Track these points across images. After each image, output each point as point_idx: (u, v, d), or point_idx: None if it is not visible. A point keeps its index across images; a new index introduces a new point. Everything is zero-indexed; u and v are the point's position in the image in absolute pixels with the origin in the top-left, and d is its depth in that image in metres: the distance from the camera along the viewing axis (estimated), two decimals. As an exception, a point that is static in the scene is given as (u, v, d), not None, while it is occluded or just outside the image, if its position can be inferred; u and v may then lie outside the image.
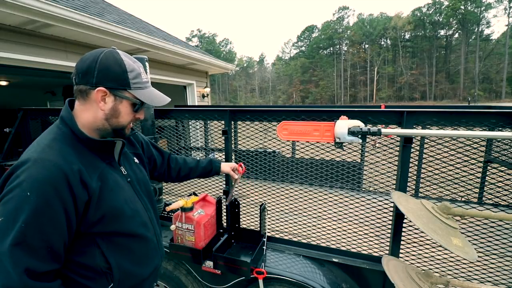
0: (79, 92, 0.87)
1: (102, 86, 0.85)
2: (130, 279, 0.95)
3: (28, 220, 0.72)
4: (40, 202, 0.73)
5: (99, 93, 0.85)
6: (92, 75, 0.84)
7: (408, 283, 1.12)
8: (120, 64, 0.87)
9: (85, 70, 0.84)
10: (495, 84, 49.10)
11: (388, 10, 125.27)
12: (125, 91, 0.89)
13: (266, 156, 2.99)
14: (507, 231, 1.42)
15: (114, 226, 0.90)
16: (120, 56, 0.88)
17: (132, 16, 6.51)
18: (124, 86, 0.88)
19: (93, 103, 0.87)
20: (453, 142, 1.42)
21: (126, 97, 0.90)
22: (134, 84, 0.90)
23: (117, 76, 0.86)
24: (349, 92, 61.54)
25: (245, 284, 1.66)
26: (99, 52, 0.86)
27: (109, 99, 0.87)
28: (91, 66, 0.84)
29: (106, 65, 0.85)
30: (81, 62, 0.86)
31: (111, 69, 0.85)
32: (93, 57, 0.85)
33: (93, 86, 0.85)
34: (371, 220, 1.72)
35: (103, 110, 0.88)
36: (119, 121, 0.91)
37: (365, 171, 2.87)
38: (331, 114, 1.52)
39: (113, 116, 0.90)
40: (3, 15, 2.84)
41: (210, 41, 75.58)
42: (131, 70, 0.89)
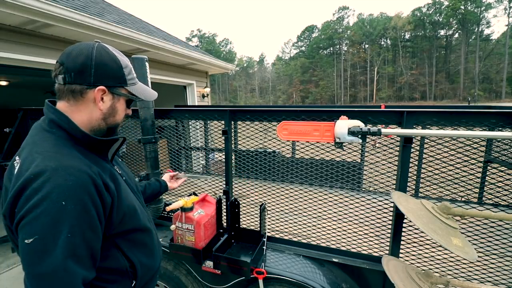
0: (70, 92, 0.79)
1: (102, 85, 0.81)
2: (148, 273, 0.96)
3: (72, 230, 0.67)
4: (79, 209, 0.69)
5: (99, 92, 0.81)
6: (89, 73, 0.78)
7: (408, 283, 1.12)
8: (115, 60, 0.83)
9: (78, 69, 0.78)
10: (495, 84, 49.10)
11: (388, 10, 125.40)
12: (122, 88, 0.87)
13: (266, 156, 2.99)
14: (507, 231, 1.42)
15: (131, 223, 0.90)
16: (111, 51, 0.84)
17: (132, 16, 6.51)
18: (121, 83, 0.85)
19: (88, 103, 0.81)
20: (453, 142, 1.42)
21: (123, 94, 0.87)
22: (129, 80, 0.88)
23: (115, 73, 0.83)
24: (349, 92, 61.54)
25: (245, 284, 1.66)
26: (90, 48, 0.80)
27: (107, 97, 0.84)
28: (86, 63, 0.78)
29: (103, 63, 0.80)
30: (71, 60, 0.78)
31: (109, 66, 0.81)
32: (85, 54, 0.78)
33: (90, 85, 0.79)
34: (371, 220, 1.72)
35: (101, 109, 0.83)
36: (115, 119, 0.89)
37: (365, 171, 2.87)
38: (331, 114, 1.52)
39: (111, 115, 0.86)
40: (3, 15, 2.83)
41: (210, 41, 75.57)
42: (125, 66, 0.87)
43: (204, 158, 4.04)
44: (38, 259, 0.65)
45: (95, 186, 0.74)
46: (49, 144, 0.76)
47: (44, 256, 0.65)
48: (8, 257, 3.26)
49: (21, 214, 0.66)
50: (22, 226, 0.66)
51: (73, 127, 0.79)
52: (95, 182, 0.74)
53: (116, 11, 5.82)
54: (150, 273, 0.99)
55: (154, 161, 1.93)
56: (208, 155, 3.88)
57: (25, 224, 0.66)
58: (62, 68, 0.78)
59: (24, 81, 6.33)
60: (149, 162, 1.92)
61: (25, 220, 0.66)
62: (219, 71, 7.92)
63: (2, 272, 2.98)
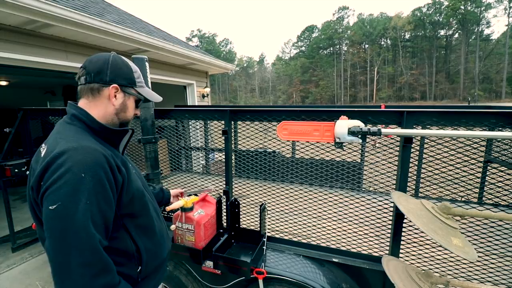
0: (89, 90, 0.94)
1: (115, 83, 0.96)
2: (154, 260, 1.04)
3: (90, 198, 0.77)
4: (96, 182, 0.79)
5: (113, 90, 0.95)
6: (105, 74, 0.94)
7: (408, 283, 1.12)
8: (127, 65, 1.00)
9: (97, 70, 0.94)
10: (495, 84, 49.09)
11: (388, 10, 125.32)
12: (132, 88, 1.01)
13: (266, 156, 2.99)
14: (507, 231, 1.42)
15: (139, 206, 0.99)
16: (125, 59, 1.01)
17: (132, 16, 6.51)
18: (131, 84, 1.01)
19: (104, 99, 0.96)
20: (453, 142, 1.42)
21: (132, 93, 1.02)
22: (138, 83, 1.03)
23: (126, 75, 0.99)
24: (349, 92, 61.52)
25: (245, 284, 1.66)
26: (108, 55, 0.97)
27: (120, 95, 0.98)
28: (103, 66, 0.94)
29: (117, 66, 0.97)
30: (91, 64, 0.95)
31: (122, 69, 0.98)
32: (103, 59, 0.96)
33: (106, 83, 0.94)
34: (371, 220, 1.72)
35: (114, 105, 0.97)
36: (126, 115, 1.02)
37: (365, 171, 2.87)
38: (331, 114, 1.52)
39: (122, 110, 1.00)
40: (3, 15, 2.83)
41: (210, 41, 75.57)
42: (135, 71, 1.03)
43: (204, 158, 4.04)
44: (60, 222, 0.74)
45: (109, 165, 0.84)
46: (71, 132, 0.89)
47: (67, 219, 0.74)
48: (8, 257, 3.26)
49: (46, 185, 0.77)
50: (47, 196, 0.76)
51: (91, 119, 0.93)
52: (108, 162, 0.85)
53: (116, 11, 5.82)
54: (157, 261, 1.05)
55: (154, 161, 1.94)
56: (208, 155, 3.89)
57: (49, 193, 0.76)
58: (85, 71, 0.95)
59: (24, 81, 6.33)
60: (149, 162, 1.92)
61: (49, 190, 0.76)
62: (219, 71, 7.92)
63: (2, 272, 2.98)
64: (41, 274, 2.94)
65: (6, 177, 2.95)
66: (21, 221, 3.97)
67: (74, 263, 0.73)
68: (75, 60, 3.93)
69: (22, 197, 5.15)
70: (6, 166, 2.92)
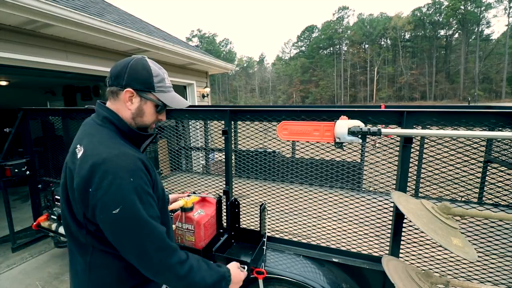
0: (110, 92, 0.99)
1: (130, 88, 0.96)
2: None
3: (141, 198, 0.86)
4: (143, 184, 0.88)
5: (127, 94, 0.96)
6: (122, 78, 0.96)
7: (408, 283, 1.12)
8: (147, 69, 0.98)
9: (116, 74, 0.97)
10: (495, 84, 49.08)
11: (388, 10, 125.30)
12: (150, 93, 1.00)
13: (266, 156, 2.99)
14: (507, 231, 1.42)
15: (161, 204, 1.03)
16: (147, 63, 1.00)
17: (132, 16, 6.51)
18: (149, 88, 0.99)
19: (122, 102, 0.98)
20: (453, 142, 1.42)
21: (150, 98, 1.00)
22: (158, 88, 1.01)
23: (144, 79, 0.98)
24: (349, 92, 61.52)
25: (245, 284, 1.65)
26: (131, 59, 0.99)
27: (135, 99, 0.98)
28: (122, 70, 0.96)
29: (134, 70, 0.97)
30: (114, 67, 0.99)
31: (139, 73, 0.97)
32: (124, 63, 0.98)
33: (122, 87, 0.96)
34: (371, 220, 1.72)
35: (130, 109, 0.99)
36: (143, 120, 1.02)
37: (365, 171, 2.87)
38: (331, 114, 1.52)
39: (138, 115, 1.01)
40: (3, 15, 2.83)
41: (210, 41, 75.56)
42: (156, 75, 1.00)
43: (204, 158, 4.04)
44: (128, 221, 0.83)
45: (146, 168, 0.92)
46: (104, 136, 0.93)
47: (133, 218, 0.84)
48: (8, 257, 3.26)
49: (98, 192, 0.82)
50: (103, 202, 0.82)
51: (122, 122, 0.98)
52: (145, 165, 0.92)
53: (116, 11, 5.82)
54: None
55: (154, 161, 1.94)
56: (208, 155, 3.88)
57: (107, 199, 0.82)
58: (109, 74, 0.99)
59: (24, 81, 6.33)
60: (149, 162, 1.91)
61: (105, 196, 0.82)
62: (219, 71, 7.92)
63: (2, 272, 2.98)
64: (41, 274, 2.94)
65: (6, 177, 2.94)
66: (21, 221, 3.97)
67: (150, 251, 0.86)
68: (75, 60, 3.93)
69: (22, 197, 5.15)
70: (6, 166, 2.92)
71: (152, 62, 1.02)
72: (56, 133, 3.36)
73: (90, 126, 0.98)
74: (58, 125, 3.05)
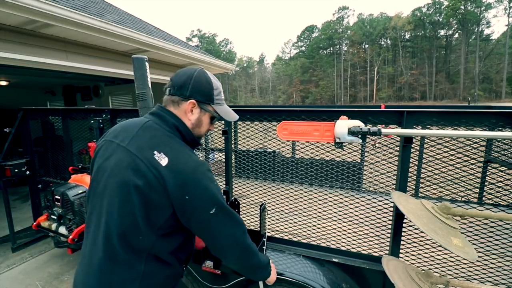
0: (171, 101, 1.03)
1: (193, 99, 1.01)
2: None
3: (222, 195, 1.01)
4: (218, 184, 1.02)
5: (190, 105, 1.01)
6: (187, 89, 1.00)
7: (408, 283, 1.12)
8: (209, 82, 1.04)
9: (180, 84, 1.01)
10: (495, 84, 49.09)
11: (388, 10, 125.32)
12: (209, 105, 1.06)
13: (266, 156, 2.99)
14: (507, 231, 1.42)
15: None
16: (208, 76, 1.06)
17: (132, 16, 6.51)
18: (209, 101, 1.05)
19: (182, 112, 1.03)
20: (453, 142, 1.42)
21: (209, 110, 1.06)
22: (216, 100, 1.07)
23: (206, 92, 1.03)
24: (349, 92, 61.53)
25: (245, 284, 1.66)
26: (194, 70, 1.03)
27: (196, 110, 1.04)
28: (186, 81, 1.01)
29: (198, 82, 1.02)
30: (178, 77, 1.03)
31: (202, 86, 1.03)
32: (188, 74, 1.02)
33: (185, 98, 1.01)
34: (371, 220, 1.72)
35: (190, 119, 1.04)
36: (200, 130, 1.09)
37: (365, 171, 2.87)
38: (331, 114, 1.52)
39: (197, 125, 1.06)
40: (3, 15, 2.83)
41: (210, 41, 75.55)
42: (216, 88, 1.06)
43: (204, 158, 4.04)
44: (224, 215, 0.99)
45: None
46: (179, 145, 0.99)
47: (226, 212, 0.99)
48: (8, 257, 3.26)
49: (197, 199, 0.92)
50: (202, 206, 0.94)
51: (188, 131, 1.04)
52: None
53: (116, 11, 5.82)
54: None
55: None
56: (208, 155, 3.88)
57: (204, 204, 0.94)
58: (171, 83, 1.04)
59: (24, 81, 6.33)
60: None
61: (203, 201, 0.93)
62: (219, 71, 7.92)
63: (2, 272, 2.98)
64: (41, 274, 2.94)
65: (6, 177, 2.94)
66: (21, 221, 3.97)
67: (238, 234, 1.04)
68: (75, 60, 3.93)
69: (22, 197, 5.15)
70: (6, 166, 2.92)
71: (211, 74, 1.08)
72: (56, 133, 3.36)
73: (162, 133, 0.98)
74: (58, 125, 3.05)
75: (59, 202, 2.10)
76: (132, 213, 0.89)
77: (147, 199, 0.89)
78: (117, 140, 0.97)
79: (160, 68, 5.65)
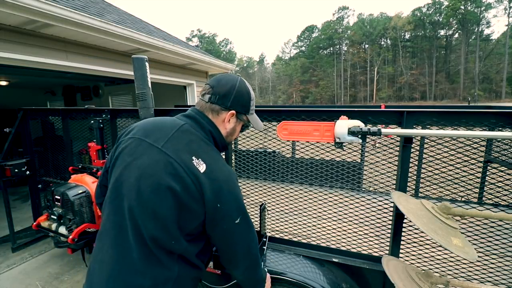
0: (210, 109, 1.02)
1: (234, 110, 1.02)
2: None
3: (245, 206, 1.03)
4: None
5: (230, 115, 1.02)
6: (229, 99, 1.01)
7: (408, 283, 1.12)
8: (248, 93, 1.06)
9: (223, 94, 1.01)
10: (495, 84, 49.09)
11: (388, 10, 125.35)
12: (244, 115, 1.08)
13: (266, 156, 2.99)
14: (507, 231, 1.42)
15: None
16: (247, 86, 1.07)
17: (132, 16, 6.51)
18: (246, 111, 1.07)
19: (220, 121, 1.03)
20: (453, 142, 1.42)
21: (243, 119, 1.09)
22: (251, 110, 1.10)
23: (245, 103, 1.06)
24: (349, 92, 61.53)
25: (245, 284, 1.65)
26: (236, 80, 1.04)
27: (233, 120, 1.05)
28: (229, 92, 1.01)
29: (240, 93, 1.03)
30: (220, 86, 1.01)
31: (243, 97, 1.04)
32: (231, 84, 1.02)
33: (226, 108, 1.01)
34: (371, 220, 1.72)
35: (226, 128, 1.05)
36: (232, 138, 1.11)
37: (365, 171, 2.87)
38: (331, 114, 1.52)
39: (231, 134, 1.08)
40: (3, 15, 2.83)
41: (210, 41, 75.56)
42: (253, 99, 1.09)
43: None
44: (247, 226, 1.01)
45: None
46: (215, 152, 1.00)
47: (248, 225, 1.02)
48: (8, 257, 3.26)
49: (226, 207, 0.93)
50: (229, 215, 0.94)
51: (222, 139, 1.05)
52: None
53: (116, 11, 5.82)
54: None
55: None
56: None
57: (231, 213, 0.95)
58: (212, 90, 1.01)
59: (24, 81, 6.33)
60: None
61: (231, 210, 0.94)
62: (219, 71, 7.91)
63: (2, 272, 2.98)
64: (41, 274, 2.94)
65: (6, 177, 2.94)
66: (21, 221, 3.97)
67: (253, 245, 1.07)
68: (75, 60, 3.93)
69: (22, 197, 5.15)
70: (6, 166, 2.92)
71: (248, 83, 1.09)
72: (56, 133, 3.36)
73: (199, 139, 0.97)
74: (58, 125, 3.05)
75: (59, 202, 2.09)
76: (165, 217, 0.86)
77: (183, 204, 0.87)
78: (149, 139, 0.92)
79: (160, 68, 5.65)
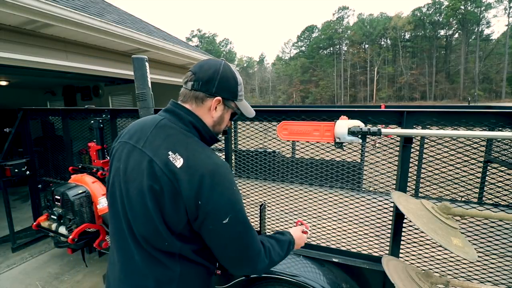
0: (194, 97, 0.93)
1: (219, 96, 0.93)
2: None
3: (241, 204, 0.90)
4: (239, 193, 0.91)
5: (216, 102, 0.93)
6: (213, 85, 0.92)
7: (408, 283, 1.12)
8: (234, 77, 0.97)
9: (206, 79, 0.92)
10: (495, 84, 49.09)
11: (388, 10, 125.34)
12: (232, 102, 0.99)
13: (266, 156, 2.99)
14: (507, 231, 1.42)
15: None
16: (233, 70, 0.98)
17: (132, 16, 6.51)
18: (234, 97, 0.98)
19: (205, 109, 0.94)
20: (453, 142, 1.42)
21: (231, 106, 0.99)
22: (239, 96, 0.99)
23: (232, 89, 0.96)
24: (349, 92, 61.53)
25: (245, 284, 1.66)
26: (219, 64, 0.95)
27: (220, 107, 0.96)
28: (212, 77, 0.92)
29: (225, 78, 0.93)
30: (202, 71, 0.93)
31: (229, 82, 0.95)
32: (214, 68, 0.93)
33: (211, 95, 0.92)
34: (371, 220, 1.72)
35: (213, 117, 0.96)
36: (220, 128, 1.01)
37: (365, 171, 2.87)
38: (331, 114, 1.52)
39: (218, 123, 0.99)
40: (3, 15, 2.83)
41: (210, 41, 75.57)
42: (240, 83, 0.99)
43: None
44: (240, 225, 0.87)
45: None
46: (196, 144, 0.89)
47: (241, 225, 0.87)
48: (8, 257, 3.26)
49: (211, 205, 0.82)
50: (215, 214, 0.83)
51: (207, 130, 0.95)
52: None
53: (116, 11, 5.82)
54: None
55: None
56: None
57: (217, 212, 0.83)
58: (194, 77, 0.93)
59: (24, 81, 6.33)
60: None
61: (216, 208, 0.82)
62: (219, 71, 7.91)
63: (2, 272, 2.98)
64: (41, 274, 2.94)
65: (6, 177, 2.94)
66: (21, 221, 3.97)
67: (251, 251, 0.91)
68: (75, 60, 3.93)
69: (22, 197, 5.15)
70: (6, 166, 2.92)
71: (234, 68, 1.00)
72: (56, 133, 3.36)
73: (177, 132, 0.90)
74: (58, 125, 3.05)
75: (59, 202, 2.10)
76: (152, 219, 0.84)
77: (165, 205, 0.82)
78: (132, 141, 0.91)
79: (160, 68, 5.65)
